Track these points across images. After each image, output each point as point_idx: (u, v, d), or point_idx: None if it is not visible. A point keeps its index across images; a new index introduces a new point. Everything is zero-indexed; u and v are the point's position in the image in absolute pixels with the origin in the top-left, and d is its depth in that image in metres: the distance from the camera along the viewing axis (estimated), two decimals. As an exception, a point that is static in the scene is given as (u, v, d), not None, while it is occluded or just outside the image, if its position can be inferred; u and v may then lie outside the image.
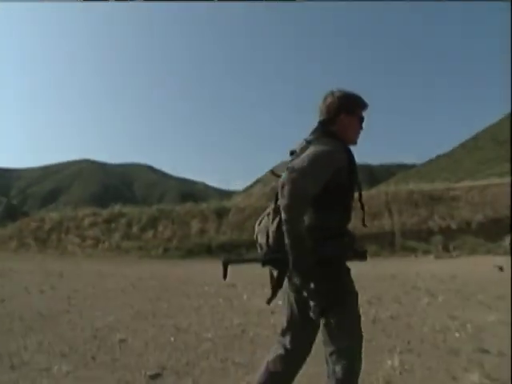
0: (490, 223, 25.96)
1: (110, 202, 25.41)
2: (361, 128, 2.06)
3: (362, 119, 2.05)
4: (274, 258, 1.90)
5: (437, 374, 2.94)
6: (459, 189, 30.42)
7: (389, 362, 3.14)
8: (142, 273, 10.70)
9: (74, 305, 6.04)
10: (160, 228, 22.33)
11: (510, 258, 19.59)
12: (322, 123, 2.03)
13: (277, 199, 2.01)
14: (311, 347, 2.07)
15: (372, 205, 28.93)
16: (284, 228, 1.76)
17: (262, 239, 2.03)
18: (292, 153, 2.05)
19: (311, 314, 1.91)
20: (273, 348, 2.11)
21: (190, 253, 21.52)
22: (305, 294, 1.89)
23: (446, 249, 22.84)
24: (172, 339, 4.07)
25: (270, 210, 2.05)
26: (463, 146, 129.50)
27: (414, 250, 24.37)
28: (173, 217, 23.99)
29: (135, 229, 21.90)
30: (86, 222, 21.60)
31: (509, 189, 29.71)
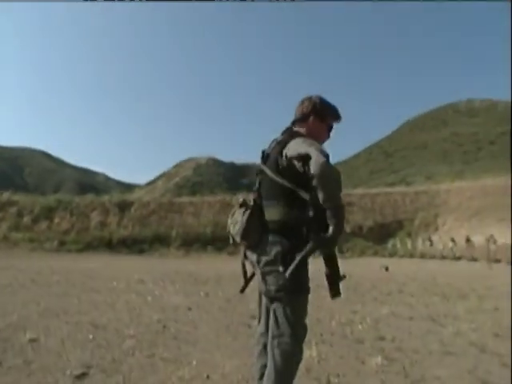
0: (378, 228, 28.92)
1: (-2, 188, 22.80)
2: (328, 136, 2.26)
3: (330, 128, 2.26)
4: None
5: (348, 360, 3.31)
6: (354, 195, 33.34)
7: (307, 353, 3.44)
8: (40, 267, 9.89)
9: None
10: (56, 219, 20.72)
11: (393, 259, 21.97)
12: (292, 123, 2.23)
13: (257, 192, 2.20)
14: None
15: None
16: (338, 212, 1.89)
17: (233, 230, 2.17)
18: (263, 153, 2.21)
19: (265, 296, 2.09)
20: (258, 357, 2.21)
21: (89, 246, 20.30)
22: (267, 278, 2.03)
23: (340, 250, 24.90)
24: (91, 337, 3.91)
25: (241, 201, 2.22)
26: (357, 156, 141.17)
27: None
28: (71, 208, 22.38)
29: (26, 219, 19.99)
30: (-33, 209, 19.26)
31: (395, 197, 33.14)
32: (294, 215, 2.01)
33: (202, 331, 4.27)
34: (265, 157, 2.19)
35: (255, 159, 2.30)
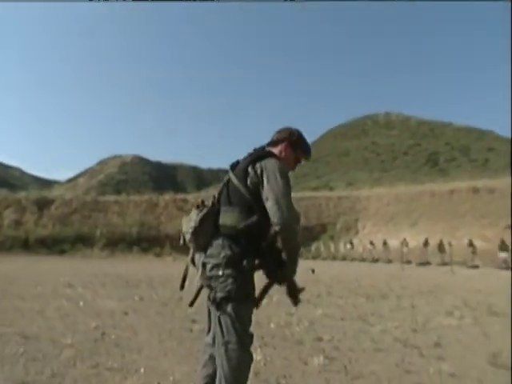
0: (302, 231, 30.06)
1: None
2: (293, 168, 2.40)
3: (298, 161, 2.40)
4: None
5: (292, 361, 3.49)
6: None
7: (254, 356, 3.57)
8: None
9: None
10: (-37, 217, 18.74)
11: (317, 261, 22.96)
12: (267, 144, 2.33)
13: (219, 194, 2.25)
14: None
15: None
16: (291, 241, 2.01)
17: (186, 228, 2.21)
18: (233, 162, 2.29)
19: (211, 303, 2.07)
20: (203, 366, 2.22)
21: (1, 247, 18.65)
22: (213, 283, 2.05)
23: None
24: (21, 350, 3.64)
25: (199, 202, 2.26)
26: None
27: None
28: (-20, 205, 20.40)
29: None
30: None
31: (320, 201, 34.55)
32: (247, 223, 2.08)
33: (144, 337, 4.21)
34: (234, 165, 2.27)
35: (183, 159, 2.39)
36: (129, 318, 5.11)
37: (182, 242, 2.33)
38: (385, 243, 23.95)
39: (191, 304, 2.26)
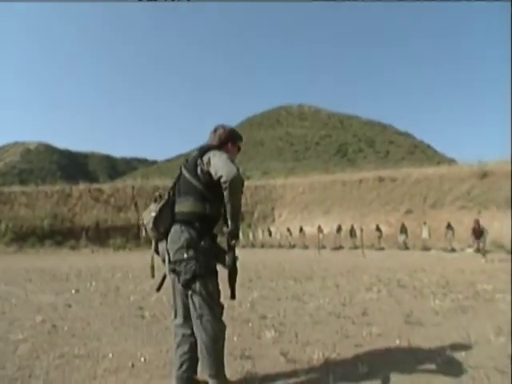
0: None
1: None
2: (236, 155, 2.74)
3: (239, 149, 2.79)
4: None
5: (246, 337, 3.84)
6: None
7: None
8: None
9: None
10: None
11: (237, 249, 23.52)
12: (210, 147, 2.60)
13: (173, 188, 2.55)
14: None
15: (119, 198, 29.22)
16: (235, 195, 2.32)
17: (146, 219, 2.54)
18: (186, 161, 2.60)
19: (181, 282, 2.37)
20: (177, 347, 2.48)
21: None
22: (178, 267, 2.35)
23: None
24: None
25: (157, 195, 2.64)
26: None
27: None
28: None
29: None
30: None
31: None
32: (201, 208, 2.40)
33: (98, 326, 4.30)
34: (186, 162, 2.61)
35: (94, 148, 2.67)
36: (74, 310, 5.10)
37: (143, 234, 2.65)
38: (301, 230, 25.33)
39: (158, 289, 2.59)
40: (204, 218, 2.40)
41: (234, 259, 2.40)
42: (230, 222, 2.37)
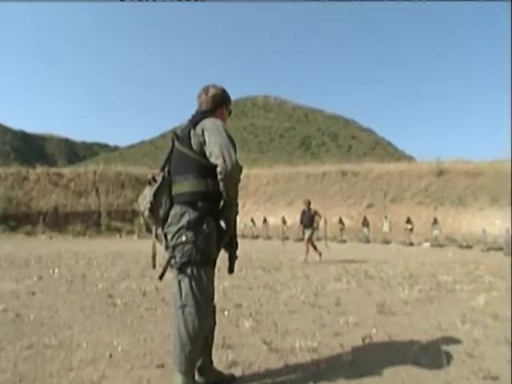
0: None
1: None
2: (226, 122, 2.51)
3: (230, 113, 2.61)
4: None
5: (225, 325, 3.72)
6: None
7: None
8: None
9: None
10: None
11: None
12: (204, 112, 2.40)
13: (162, 169, 2.35)
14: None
15: (79, 183, 28.20)
16: (232, 189, 2.17)
17: (142, 206, 2.29)
18: (176, 135, 2.36)
19: (175, 266, 2.17)
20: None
21: None
22: (175, 251, 2.16)
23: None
24: None
25: (150, 178, 2.35)
26: (163, 136, 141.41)
27: (118, 230, 25.44)
28: None
29: None
30: None
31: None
32: (203, 186, 2.19)
33: (67, 314, 4.13)
34: (176, 135, 2.35)
35: (52, 130, 2.46)
36: (39, 298, 4.87)
37: (141, 220, 2.45)
38: (265, 221, 25.46)
39: (160, 277, 2.28)
40: (207, 197, 2.19)
41: (235, 241, 2.35)
42: (225, 210, 2.24)
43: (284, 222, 23.61)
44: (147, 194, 2.29)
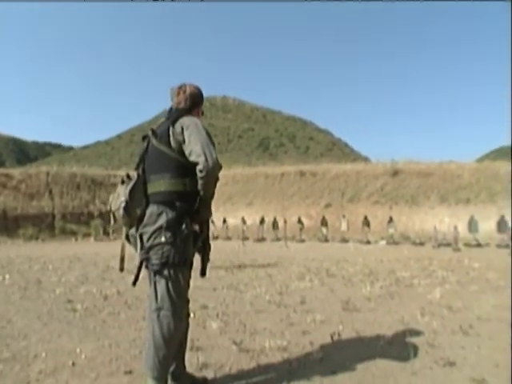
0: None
1: None
2: None
3: (203, 113, 2.56)
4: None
5: (192, 326, 3.73)
6: (119, 176, 32.79)
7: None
8: None
9: None
10: None
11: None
12: (182, 110, 2.34)
13: (137, 167, 2.29)
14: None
15: (31, 184, 26.86)
16: (210, 187, 2.13)
17: (115, 205, 2.19)
18: (154, 131, 2.28)
19: (150, 268, 2.11)
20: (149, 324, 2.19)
21: None
22: (151, 253, 2.09)
23: (105, 232, 24.25)
24: None
25: (124, 176, 2.26)
26: (119, 137, 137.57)
27: (74, 233, 24.45)
28: None
29: None
30: None
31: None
32: (180, 186, 2.13)
33: (23, 323, 3.88)
34: (153, 132, 2.27)
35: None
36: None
37: (113, 221, 2.36)
38: (224, 221, 25.38)
39: (134, 282, 2.22)
40: (184, 197, 2.13)
41: (208, 243, 2.32)
42: (201, 209, 2.18)
43: (244, 222, 23.61)
44: (121, 192, 2.18)
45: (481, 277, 6.90)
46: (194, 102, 2.40)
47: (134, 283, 2.23)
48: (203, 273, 2.37)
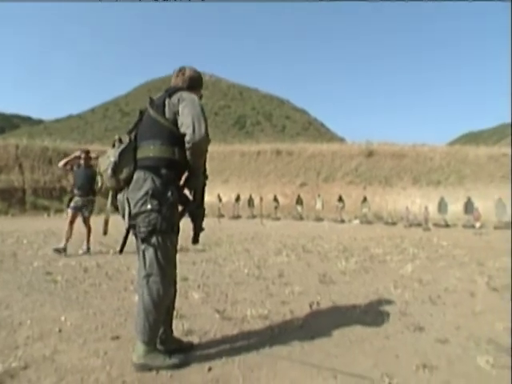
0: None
1: None
2: None
3: (201, 97, 2.55)
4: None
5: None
6: (93, 151, 31.97)
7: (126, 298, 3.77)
8: None
9: None
10: None
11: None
12: (181, 88, 2.38)
13: (130, 133, 2.32)
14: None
15: (-1, 157, 25.84)
16: (198, 158, 2.20)
17: (104, 166, 2.23)
18: (152, 100, 2.32)
19: (139, 235, 2.17)
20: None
21: None
22: (140, 217, 2.14)
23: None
24: None
25: (116, 139, 2.31)
26: (93, 111, 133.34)
27: (46, 209, 23.88)
28: None
29: None
30: None
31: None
32: (169, 153, 2.18)
33: (2, 294, 3.88)
34: (151, 102, 2.31)
35: None
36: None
37: (99, 185, 2.37)
38: (201, 199, 25.32)
39: (121, 250, 2.28)
40: (172, 165, 2.18)
41: (201, 207, 2.38)
42: (191, 179, 2.27)
43: (220, 199, 23.66)
44: (111, 154, 2.22)
45: (448, 254, 7.26)
46: (191, 85, 2.46)
47: (121, 250, 2.29)
48: (195, 240, 2.42)
